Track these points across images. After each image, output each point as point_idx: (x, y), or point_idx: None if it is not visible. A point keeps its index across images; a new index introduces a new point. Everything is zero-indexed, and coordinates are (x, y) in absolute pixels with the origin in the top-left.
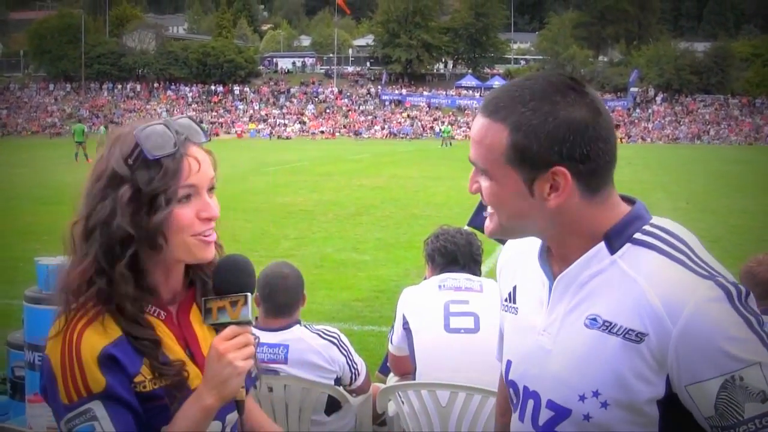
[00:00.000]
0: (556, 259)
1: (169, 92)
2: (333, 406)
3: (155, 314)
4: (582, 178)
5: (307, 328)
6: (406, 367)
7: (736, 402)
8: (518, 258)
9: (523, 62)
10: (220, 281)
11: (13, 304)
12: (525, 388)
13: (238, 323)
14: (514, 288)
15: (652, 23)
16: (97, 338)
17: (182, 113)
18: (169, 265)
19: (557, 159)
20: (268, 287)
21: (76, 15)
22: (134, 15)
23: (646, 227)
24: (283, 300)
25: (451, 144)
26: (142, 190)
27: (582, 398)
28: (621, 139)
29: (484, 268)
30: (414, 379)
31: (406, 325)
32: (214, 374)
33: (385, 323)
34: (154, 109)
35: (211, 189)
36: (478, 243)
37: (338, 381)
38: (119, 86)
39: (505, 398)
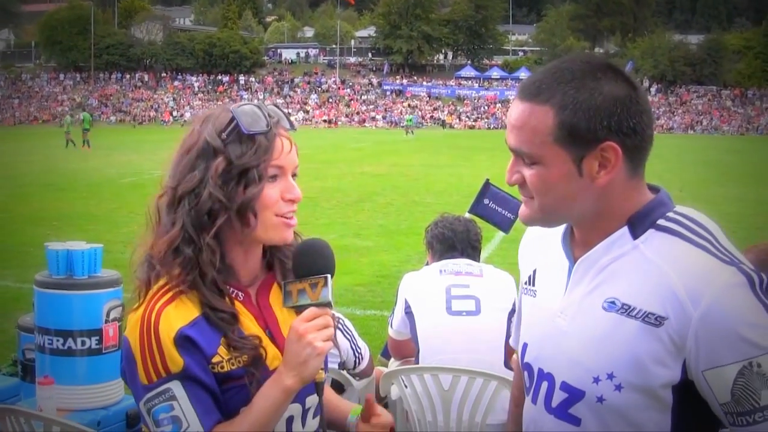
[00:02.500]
0: (578, 242)
1: (176, 82)
2: (336, 389)
3: (234, 295)
4: (629, 154)
5: None
6: (405, 351)
7: (753, 388)
8: (539, 242)
9: (521, 53)
10: (300, 264)
11: (24, 288)
12: (540, 370)
13: (318, 305)
14: (534, 271)
15: (647, 16)
16: (175, 319)
17: (188, 103)
18: (248, 245)
19: (606, 134)
20: None
21: (86, 7)
22: (142, 7)
23: (670, 214)
24: None
25: (413, 133)
26: (233, 163)
27: (596, 380)
28: None
29: (483, 254)
30: (417, 362)
31: (408, 309)
32: (294, 355)
33: (386, 308)
34: (162, 99)
35: (294, 174)
36: (477, 230)
37: (342, 365)
38: (127, 76)
39: (519, 389)
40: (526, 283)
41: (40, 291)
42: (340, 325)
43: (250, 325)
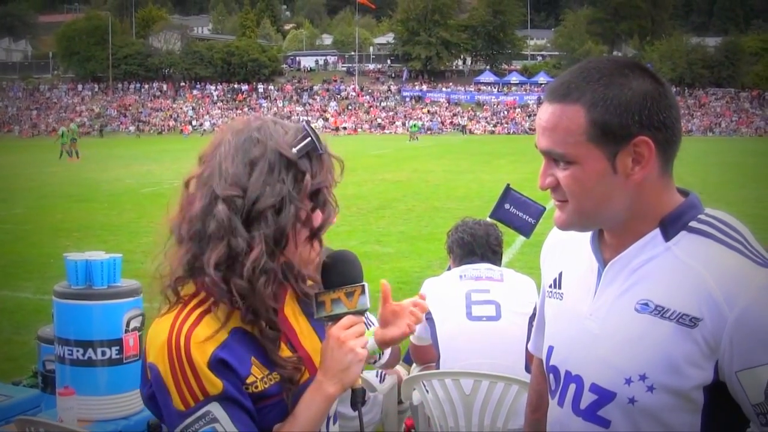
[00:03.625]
0: (608, 245)
1: (194, 91)
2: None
3: None
4: (661, 148)
5: None
6: (427, 357)
7: None
8: (566, 244)
9: (539, 58)
10: (333, 274)
11: (44, 299)
12: (567, 372)
13: (356, 312)
14: (560, 274)
15: (665, 19)
16: (206, 342)
17: (208, 112)
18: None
19: (638, 129)
20: None
21: (103, 17)
22: (160, 16)
23: (701, 216)
24: None
25: (417, 139)
26: (311, 181)
27: (628, 381)
28: None
29: (504, 258)
30: (438, 368)
31: (428, 315)
32: (336, 362)
33: None
34: (181, 108)
35: None
36: (498, 234)
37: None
38: (146, 86)
39: (537, 393)
40: (550, 287)
41: (60, 302)
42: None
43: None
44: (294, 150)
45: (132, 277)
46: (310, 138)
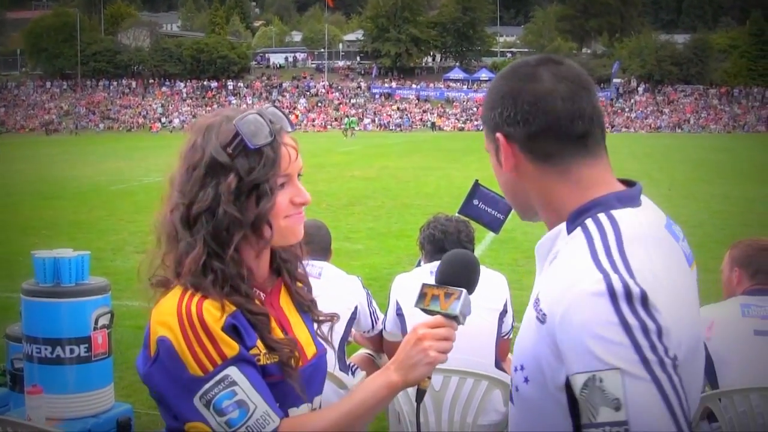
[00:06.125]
0: None
1: (164, 88)
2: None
3: (256, 295)
4: (524, 144)
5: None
6: None
7: (593, 403)
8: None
9: (509, 55)
10: (445, 272)
11: (13, 297)
12: None
13: (446, 315)
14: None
15: (634, 16)
16: (217, 310)
17: (177, 109)
18: (260, 250)
19: (495, 125)
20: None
21: (72, 14)
22: (128, 13)
23: (601, 215)
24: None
25: (354, 135)
26: (244, 179)
27: (515, 369)
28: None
29: (475, 254)
30: None
31: (399, 311)
32: (407, 356)
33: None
34: (150, 105)
35: (299, 176)
36: (469, 231)
37: (352, 322)
38: (115, 83)
39: None
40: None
41: (28, 299)
42: (360, 279)
43: (272, 325)
44: (228, 150)
45: (101, 274)
46: (240, 136)
